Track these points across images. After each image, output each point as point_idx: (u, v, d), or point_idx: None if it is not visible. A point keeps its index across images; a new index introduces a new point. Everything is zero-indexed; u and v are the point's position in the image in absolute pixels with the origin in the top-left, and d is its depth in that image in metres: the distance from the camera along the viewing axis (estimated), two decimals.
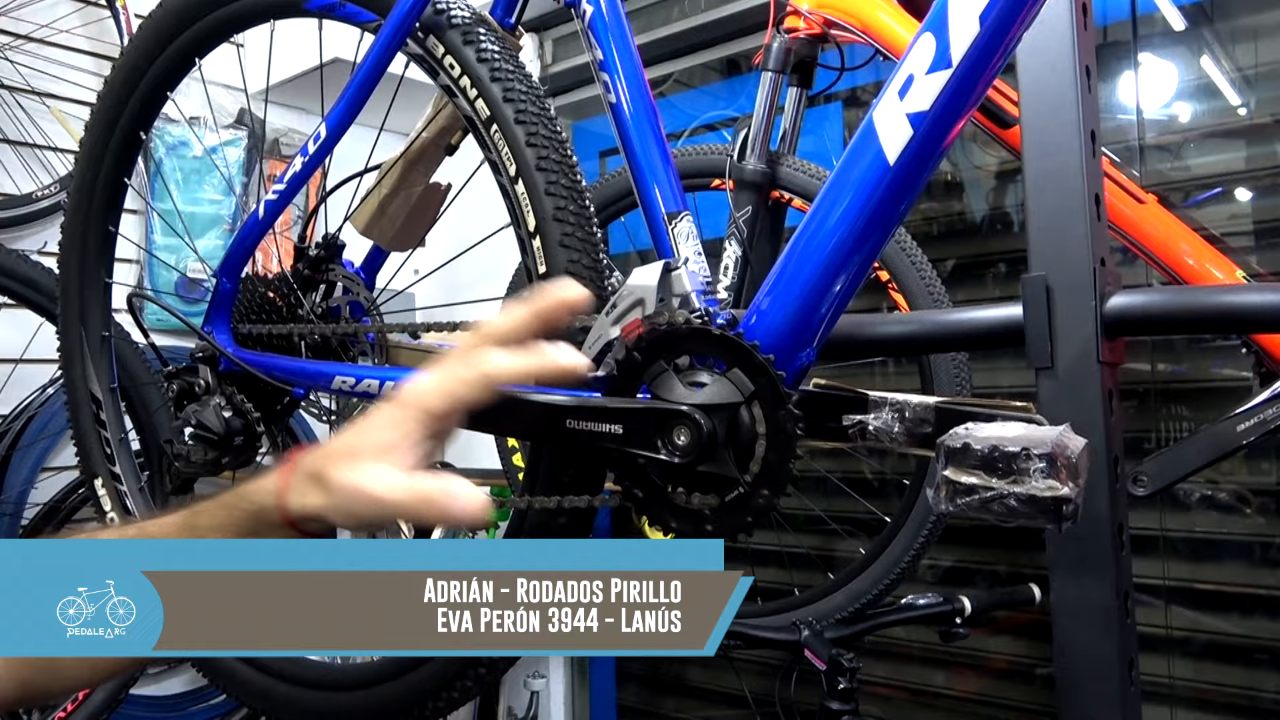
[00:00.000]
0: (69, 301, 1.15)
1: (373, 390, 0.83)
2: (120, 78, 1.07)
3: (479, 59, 0.79)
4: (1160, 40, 1.63)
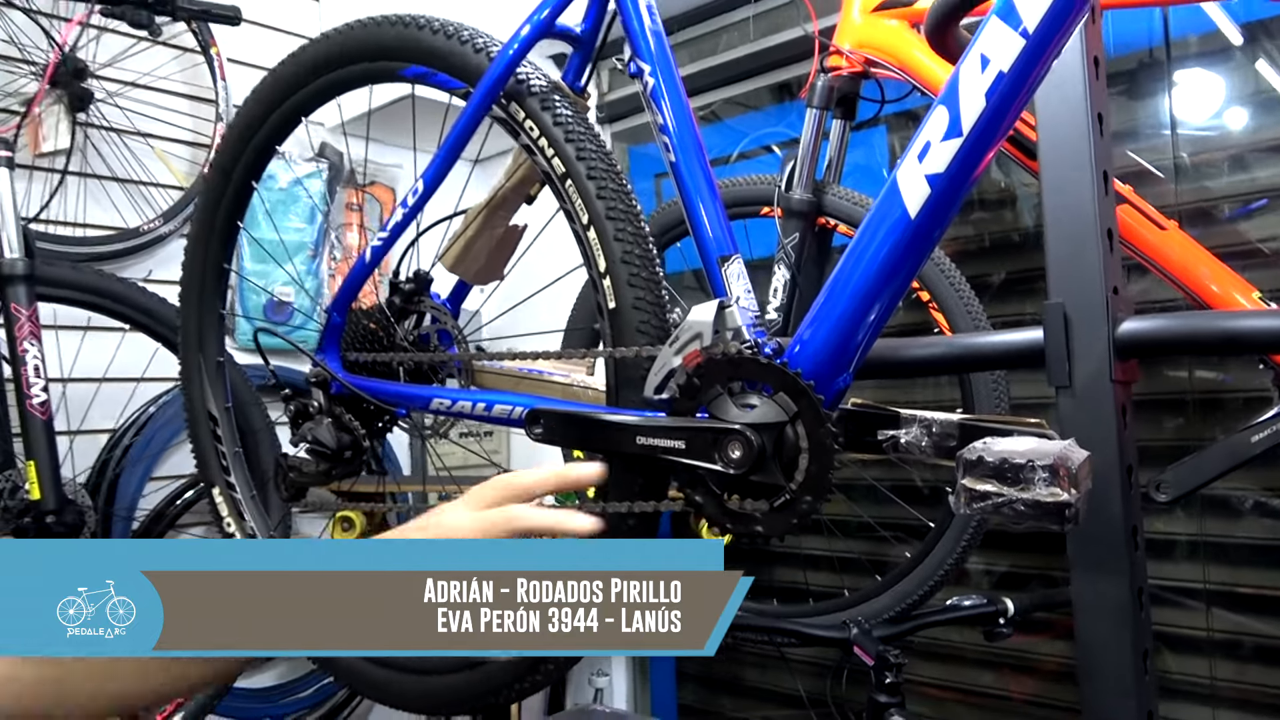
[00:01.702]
0: (188, 331, 1.30)
1: (465, 410, 0.95)
2: (235, 134, 1.21)
3: (555, 122, 0.91)
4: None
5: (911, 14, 1.41)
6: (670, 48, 0.91)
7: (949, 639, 1.91)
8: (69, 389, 1.81)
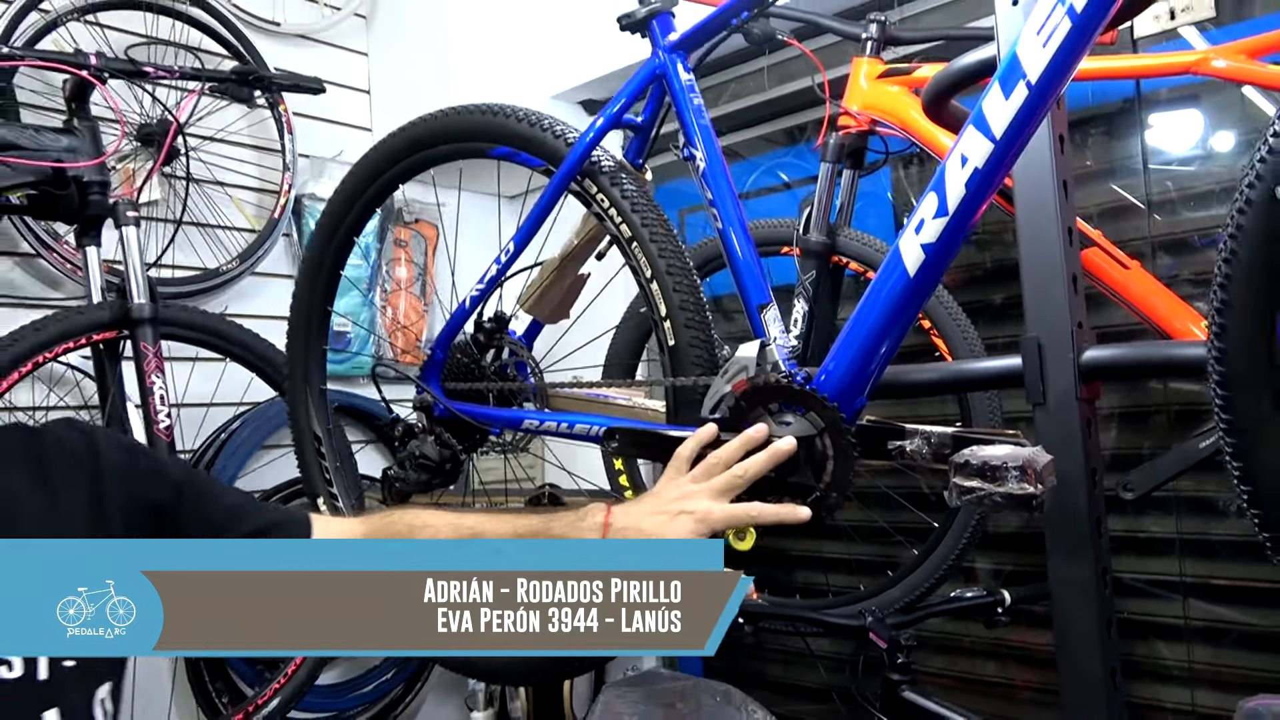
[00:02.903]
0: (295, 364, 1.53)
1: (550, 429, 1.17)
2: (340, 199, 1.44)
3: (623, 196, 1.13)
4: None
5: (911, 81, 1.63)
6: (716, 137, 1.14)
7: (954, 631, 2.10)
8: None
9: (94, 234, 1.64)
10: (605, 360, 1.89)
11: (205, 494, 0.93)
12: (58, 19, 1.97)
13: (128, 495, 0.87)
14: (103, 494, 0.85)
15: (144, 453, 0.93)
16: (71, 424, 0.92)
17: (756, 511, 0.90)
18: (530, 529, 0.93)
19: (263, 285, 2.37)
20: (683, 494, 0.91)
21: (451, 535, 0.93)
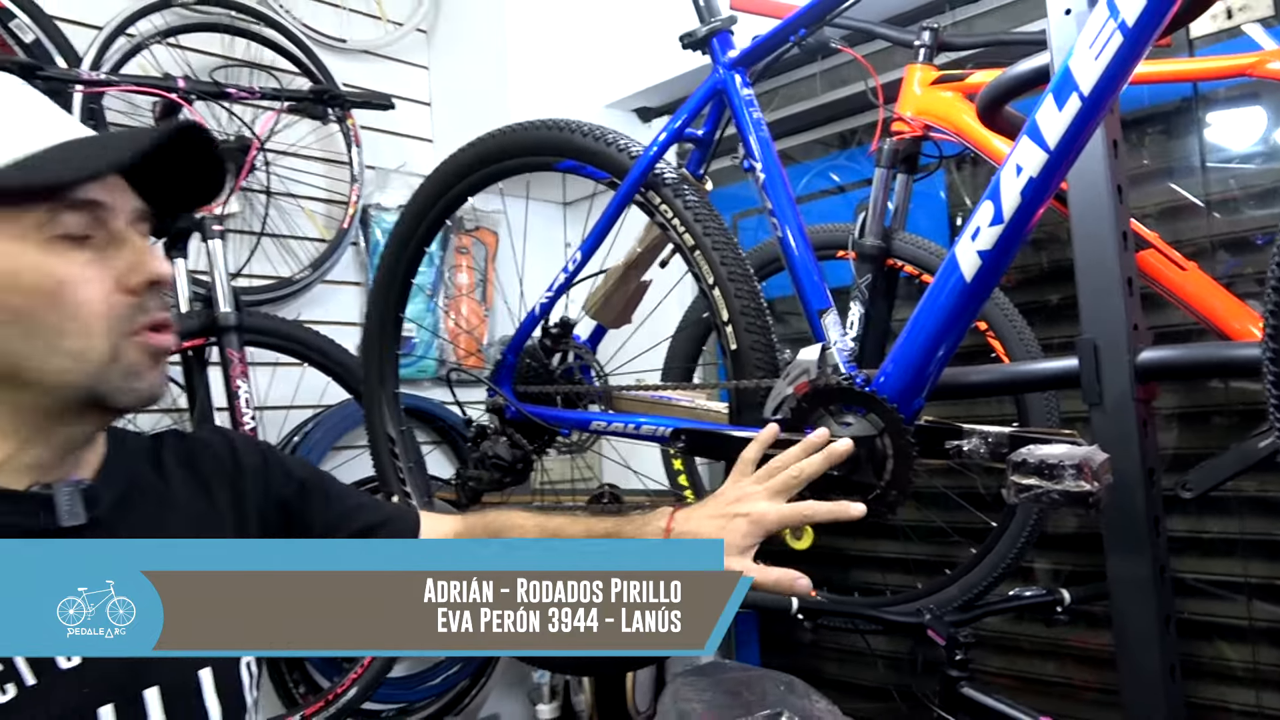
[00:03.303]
0: (370, 369, 1.60)
1: (618, 430, 1.22)
2: (413, 212, 1.51)
3: (685, 206, 1.18)
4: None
5: (964, 87, 1.66)
6: (775, 149, 1.18)
7: (1015, 631, 2.11)
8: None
9: (181, 247, 1.74)
10: (664, 363, 1.95)
11: (326, 491, 1.00)
12: (142, 43, 2.08)
13: (262, 493, 0.93)
14: (243, 493, 0.92)
15: (273, 453, 0.99)
16: (212, 429, 1.00)
17: (810, 510, 0.93)
18: (605, 530, 0.98)
19: (333, 292, 2.47)
20: (740, 495, 0.94)
21: (537, 533, 0.99)
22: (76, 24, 2.02)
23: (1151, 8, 0.85)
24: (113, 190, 0.78)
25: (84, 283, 0.75)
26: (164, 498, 0.87)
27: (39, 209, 0.74)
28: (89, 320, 0.75)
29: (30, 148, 0.74)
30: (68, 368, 0.75)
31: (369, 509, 1.02)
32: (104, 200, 0.77)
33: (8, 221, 0.73)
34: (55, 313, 0.74)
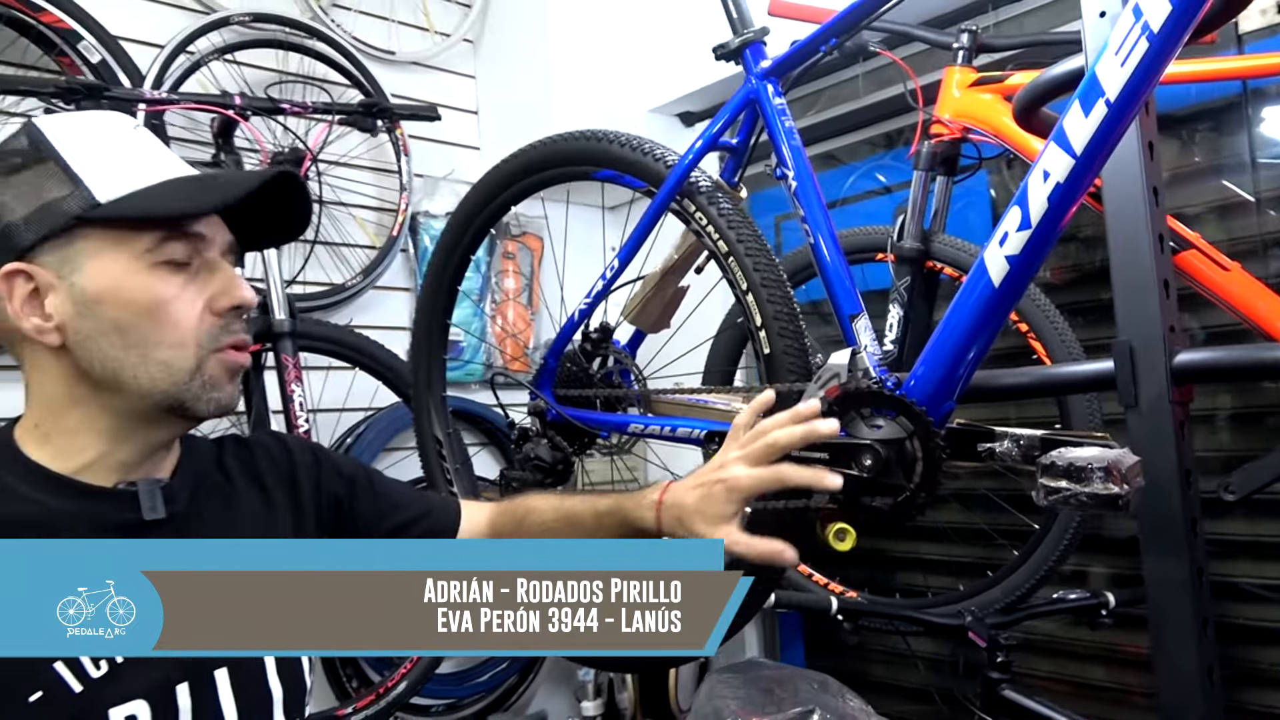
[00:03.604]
0: (419, 373, 1.65)
1: (654, 432, 1.25)
2: (458, 221, 1.56)
3: (719, 214, 1.21)
4: None
5: (1003, 88, 1.66)
6: (807, 157, 1.20)
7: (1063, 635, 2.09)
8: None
9: (239, 257, 1.81)
10: (704, 367, 1.97)
11: (373, 485, 1.07)
12: (201, 60, 2.16)
13: (315, 489, 1.01)
14: (298, 491, 1.00)
15: (324, 453, 1.07)
16: (268, 433, 1.08)
17: (785, 473, 0.91)
18: (606, 507, 1.02)
19: (383, 298, 2.54)
20: (721, 463, 0.94)
21: (552, 516, 1.05)
22: (139, 43, 2.10)
23: (1178, 14, 0.86)
24: (211, 224, 0.87)
25: (180, 303, 0.84)
26: (228, 496, 0.95)
27: (149, 236, 0.83)
28: (181, 336, 0.84)
29: (144, 181, 0.84)
30: (158, 376, 0.84)
31: (414, 501, 1.09)
32: (204, 233, 0.86)
33: (121, 244, 0.83)
34: (153, 327, 0.83)
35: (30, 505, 0.80)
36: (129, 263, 0.83)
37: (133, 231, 0.83)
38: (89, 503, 0.83)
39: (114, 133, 0.87)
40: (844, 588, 1.94)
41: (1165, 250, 1.18)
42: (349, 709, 1.90)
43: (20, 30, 1.90)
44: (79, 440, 0.84)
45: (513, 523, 1.09)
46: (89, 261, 0.82)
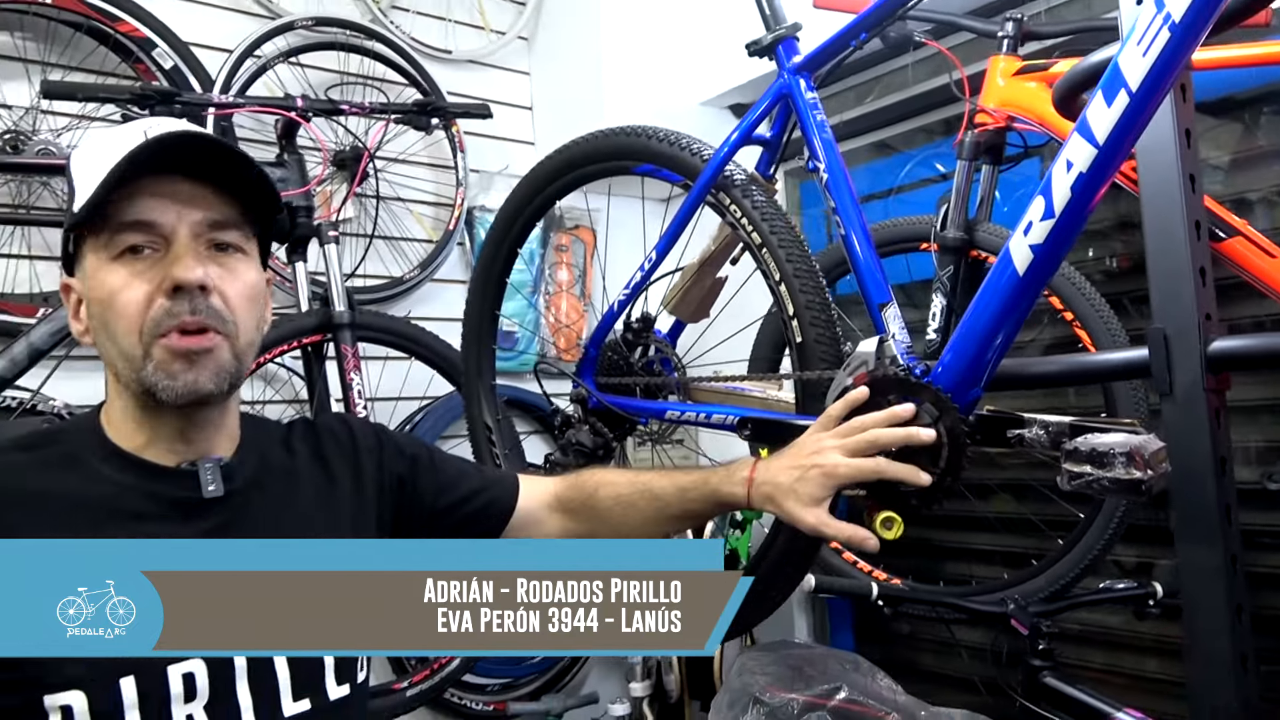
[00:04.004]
0: (469, 362, 1.72)
1: (690, 418, 1.29)
2: (504, 216, 1.61)
3: (753, 206, 1.24)
4: None
5: (1048, 76, 1.65)
6: (839, 151, 1.22)
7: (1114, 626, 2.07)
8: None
9: (301, 251, 1.90)
10: (750, 355, 2.00)
11: (434, 462, 1.11)
12: (267, 63, 2.26)
13: (378, 469, 1.05)
14: (361, 470, 1.04)
15: (386, 433, 1.11)
16: (334, 415, 1.15)
17: (882, 466, 0.98)
18: (690, 481, 1.06)
19: (440, 290, 2.62)
20: (817, 448, 1.00)
21: (628, 488, 1.09)
22: (208, 48, 2.21)
23: (1199, 5, 0.86)
24: (169, 206, 0.87)
25: (127, 291, 0.86)
26: (292, 475, 0.99)
27: (105, 232, 0.87)
28: (128, 323, 0.86)
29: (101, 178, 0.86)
30: (122, 365, 0.88)
31: (473, 475, 1.13)
32: (151, 219, 0.87)
33: (95, 245, 0.88)
34: (112, 318, 0.87)
35: (107, 486, 0.87)
36: (98, 260, 0.88)
37: (94, 231, 0.88)
38: (155, 481, 0.89)
39: (115, 142, 0.89)
40: (888, 575, 1.96)
41: (1202, 238, 1.17)
42: (405, 683, 1.99)
43: (100, 39, 2.01)
44: (129, 425, 0.91)
45: (581, 496, 1.13)
46: (84, 265, 0.89)
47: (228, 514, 0.91)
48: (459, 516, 1.10)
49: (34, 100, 1.95)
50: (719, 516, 1.99)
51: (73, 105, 1.90)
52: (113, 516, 0.85)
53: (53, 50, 2.03)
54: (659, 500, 1.08)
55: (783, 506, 0.99)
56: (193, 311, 0.86)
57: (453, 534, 1.10)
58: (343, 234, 2.30)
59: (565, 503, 1.14)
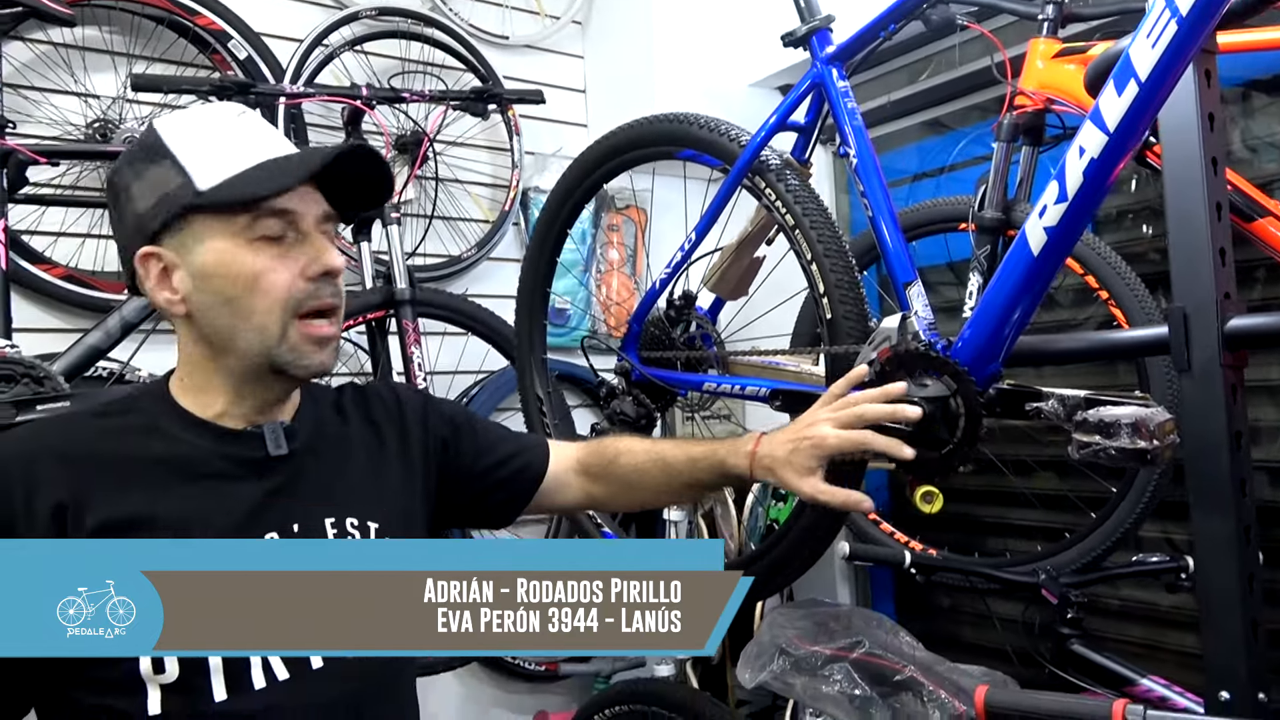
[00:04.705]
0: (522, 338, 1.82)
1: (726, 390, 1.37)
2: (555, 198, 1.70)
3: (787, 190, 1.31)
4: None
5: (1086, 59, 1.67)
6: (869, 136, 1.29)
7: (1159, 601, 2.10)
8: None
9: (366, 232, 2.02)
10: (792, 331, 2.07)
11: (473, 426, 1.19)
12: (334, 52, 2.38)
13: (423, 432, 1.13)
14: (407, 433, 1.11)
15: (431, 399, 1.19)
16: (381, 381, 1.24)
17: (868, 438, 1.05)
18: (701, 453, 1.14)
19: (496, 269, 2.72)
20: (810, 421, 1.08)
21: (645, 457, 1.17)
22: (278, 38, 2.33)
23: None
24: (303, 198, 0.96)
25: (273, 274, 0.93)
26: (344, 437, 1.07)
27: (244, 216, 0.93)
28: (271, 303, 0.93)
29: (239, 167, 0.94)
30: (254, 340, 0.94)
31: (508, 440, 1.22)
32: (293, 208, 0.95)
33: (223, 226, 0.93)
34: (251, 296, 0.93)
35: (183, 446, 0.95)
36: (230, 241, 0.93)
37: (230, 214, 0.93)
38: (226, 443, 0.96)
39: (218, 123, 0.97)
40: (924, 546, 2.02)
41: (1223, 219, 1.21)
42: None
43: (180, 32, 2.15)
44: (209, 395, 0.98)
45: (602, 461, 1.21)
46: (199, 243, 0.93)
47: (291, 470, 0.98)
48: (496, 479, 1.18)
49: (121, 90, 2.09)
50: (760, 488, 2.07)
51: (155, 95, 2.04)
52: (195, 477, 0.93)
53: (136, 43, 2.17)
54: (671, 469, 1.16)
55: (780, 476, 1.07)
56: (333, 295, 0.97)
57: (490, 494, 1.18)
58: (404, 215, 2.42)
59: (588, 468, 1.22)
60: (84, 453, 0.90)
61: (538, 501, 1.21)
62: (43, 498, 0.83)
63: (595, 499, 1.23)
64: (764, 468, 1.09)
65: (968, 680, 1.21)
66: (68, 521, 0.82)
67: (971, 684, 1.16)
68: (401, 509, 1.07)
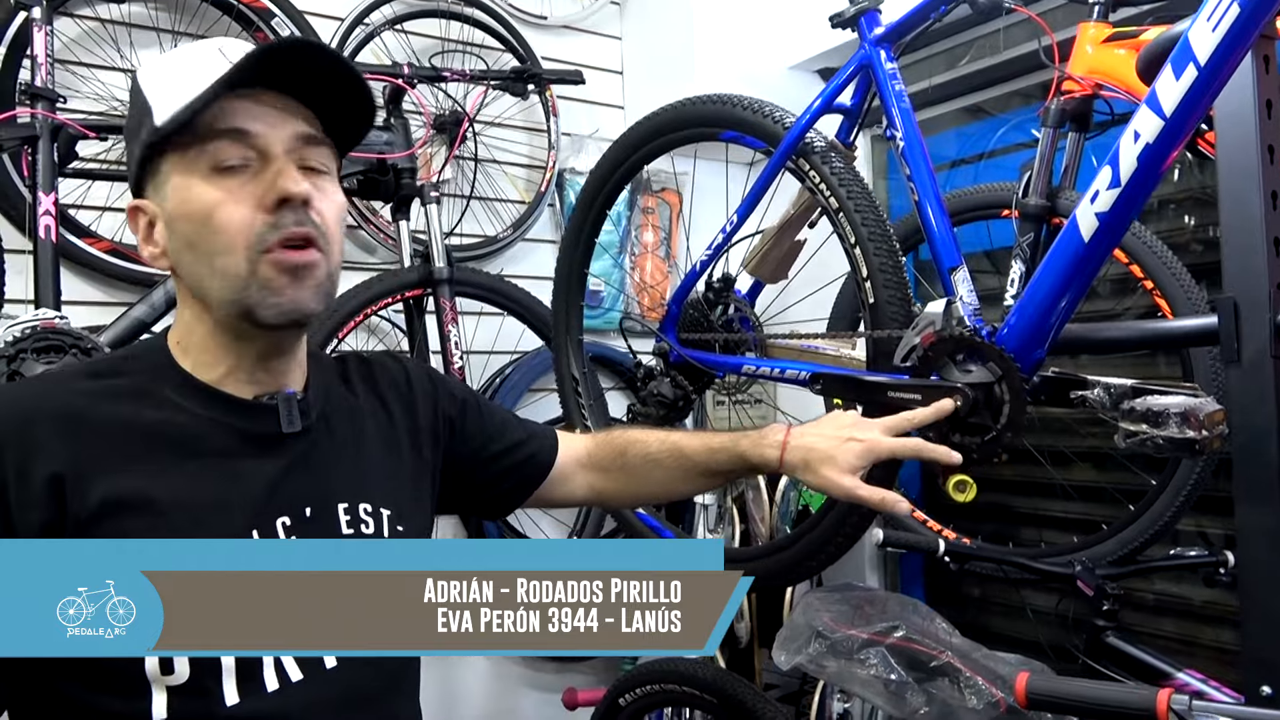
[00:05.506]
0: (559, 319, 1.82)
1: (765, 373, 1.37)
2: (595, 179, 1.70)
3: (831, 172, 1.30)
4: None
5: (1137, 44, 1.64)
6: (915, 120, 1.27)
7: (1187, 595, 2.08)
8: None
9: (404, 210, 2.03)
10: (830, 314, 2.06)
11: (481, 409, 1.13)
12: (375, 31, 2.39)
13: (432, 410, 1.06)
14: (415, 410, 1.04)
15: (439, 376, 1.12)
16: (388, 354, 1.13)
17: (919, 446, 1.05)
18: (720, 443, 1.12)
19: (532, 249, 2.73)
20: (856, 423, 1.07)
21: (658, 447, 1.14)
22: (321, 16, 2.34)
23: None
24: (263, 118, 0.83)
25: (227, 205, 0.81)
26: (355, 411, 0.99)
27: (197, 145, 0.82)
28: (232, 239, 0.82)
29: (192, 94, 0.81)
30: (221, 285, 0.83)
31: (516, 426, 1.16)
32: (247, 127, 0.82)
33: (180, 160, 0.83)
34: (208, 234, 0.82)
35: (185, 415, 0.85)
36: (187, 176, 0.82)
37: (183, 146, 0.82)
38: (234, 415, 0.87)
39: (193, 58, 0.85)
40: (957, 534, 2.01)
41: (1277, 209, 1.19)
42: None
43: (224, 10, 2.16)
44: (208, 355, 0.88)
45: (612, 453, 1.17)
46: (166, 184, 0.84)
47: (304, 447, 0.91)
48: (502, 466, 1.12)
49: None
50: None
51: None
52: (202, 453, 0.84)
53: (182, 20, 2.19)
54: (686, 459, 1.13)
55: (818, 471, 1.05)
56: (298, 223, 0.83)
57: (495, 482, 1.13)
58: (443, 195, 2.43)
59: (596, 460, 1.17)
60: (83, 418, 0.82)
61: (541, 493, 1.16)
62: (39, 464, 0.77)
63: (601, 493, 1.19)
64: (799, 460, 1.07)
65: (1005, 668, 1.20)
66: (66, 495, 0.77)
67: (1009, 671, 1.16)
68: (413, 493, 1.01)
